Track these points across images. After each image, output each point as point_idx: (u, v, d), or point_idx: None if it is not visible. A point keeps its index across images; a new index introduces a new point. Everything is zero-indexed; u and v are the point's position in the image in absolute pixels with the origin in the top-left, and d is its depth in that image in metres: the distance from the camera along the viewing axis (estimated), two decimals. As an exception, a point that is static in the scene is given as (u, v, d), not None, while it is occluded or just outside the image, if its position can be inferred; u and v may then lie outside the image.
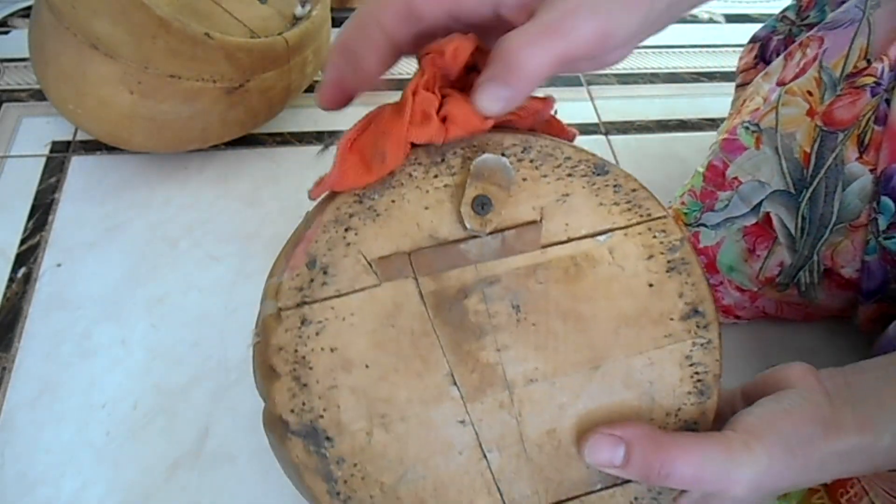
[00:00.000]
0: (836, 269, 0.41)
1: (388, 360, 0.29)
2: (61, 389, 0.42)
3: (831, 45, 0.41)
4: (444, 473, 0.28)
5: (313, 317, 0.28)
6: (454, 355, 0.29)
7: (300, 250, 0.29)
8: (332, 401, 0.28)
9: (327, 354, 0.28)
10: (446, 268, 0.30)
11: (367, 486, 0.28)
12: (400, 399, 0.28)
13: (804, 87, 0.41)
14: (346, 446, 0.28)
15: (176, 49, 0.46)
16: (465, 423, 0.29)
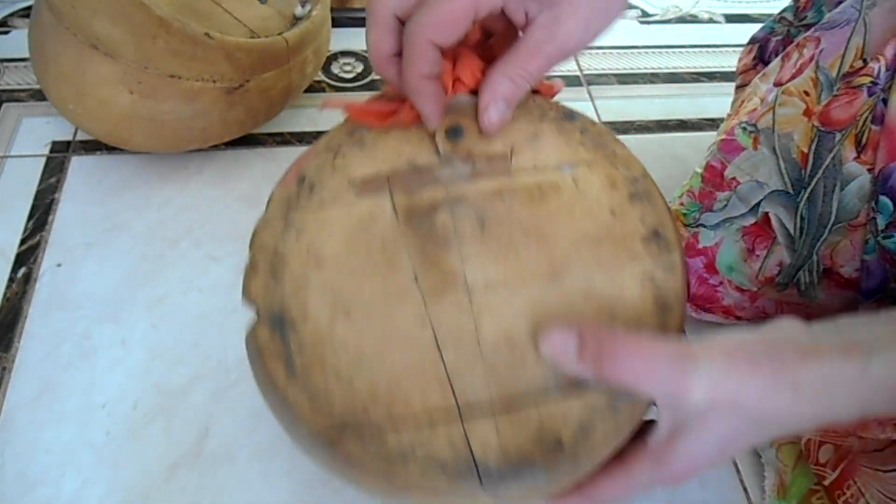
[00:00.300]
0: (836, 268, 0.41)
1: (358, 261, 0.31)
2: (61, 389, 0.42)
3: (828, 45, 0.41)
4: (399, 366, 0.29)
5: (295, 222, 0.32)
6: (419, 260, 0.31)
7: (293, 172, 0.34)
8: (302, 293, 0.30)
9: (303, 254, 0.31)
10: (419, 187, 0.32)
11: (324, 373, 0.28)
12: (364, 295, 0.30)
13: (801, 88, 0.41)
14: (309, 335, 0.29)
15: (176, 49, 0.46)
16: (424, 321, 0.30)
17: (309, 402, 0.28)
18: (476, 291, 0.30)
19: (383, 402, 0.28)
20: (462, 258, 0.31)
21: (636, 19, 0.78)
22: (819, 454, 0.37)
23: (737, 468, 0.42)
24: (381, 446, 0.27)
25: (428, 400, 0.28)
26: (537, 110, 0.35)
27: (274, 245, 0.31)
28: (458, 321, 0.30)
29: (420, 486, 0.27)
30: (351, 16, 0.72)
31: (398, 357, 0.29)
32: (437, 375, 0.29)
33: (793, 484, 0.38)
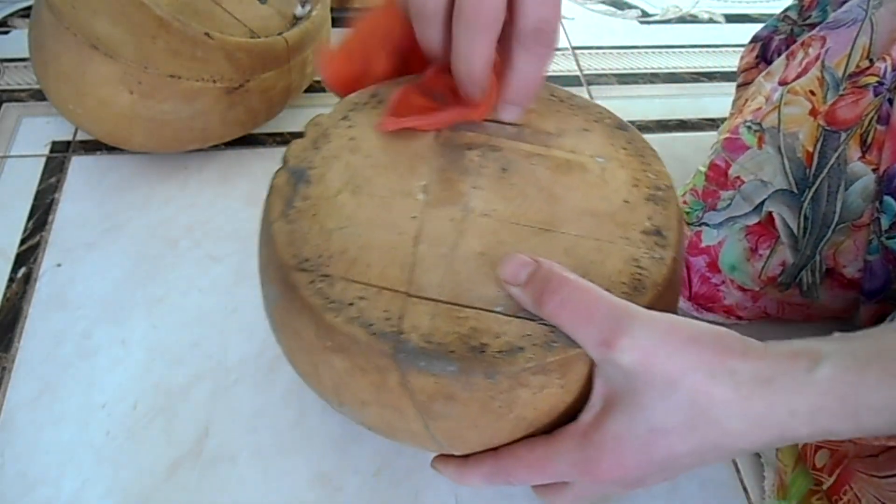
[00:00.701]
0: (839, 268, 0.41)
1: (386, 159, 0.35)
2: (61, 389, 0.42)
3: (834, 45, 0.41)
4: (376, 239, 0.31)
5: (353, 118, 0.37)
6: (436, 175, 0.34)
7: (370, 88, 0.38)
8: (328, 164, 0.34)
9: (346, 140, 0.35)
10: (466, 130, 0.36)
11: (311, 221, 0.32)
12: (377, 183, 0.34)
13: (806, 87, 0.41)
14: (316, 191, 0.33)
15: (176, 49, 0.46)
16: (416, 217, 0.32)
17: (287, 238, 0.31)
18: (471, 214, 0.33)
19: (347, 259, 0.31)
20: (473, 187, 0.34)
21: (636, 19, 0.78)
22: (815, 459, 0.37)
23: (737, 468, 0.42)
24: (327, 288, 0.30)
25: (385, 273, 0.30)
26: (596, 114, 0.39)
27: (326, 127, 0.36)
28: (443, 228, 0.32)
29: (341, 335, 0.28)
30: (351, 16, 0.72)
31: (379, 234, 0.31)
32: (404, 260, 0.31)
33: (793, 484, 0.38)
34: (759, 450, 0.29)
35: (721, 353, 0.26)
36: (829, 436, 0.27)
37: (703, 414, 0.26)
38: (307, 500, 0.39)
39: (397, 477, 0.40)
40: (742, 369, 0.26)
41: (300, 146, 0.35)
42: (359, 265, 0.30)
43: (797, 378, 0.26)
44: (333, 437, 0.41)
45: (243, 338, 0.46)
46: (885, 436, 0.28)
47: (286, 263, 0.30)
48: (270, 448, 0.41)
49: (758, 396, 0.26)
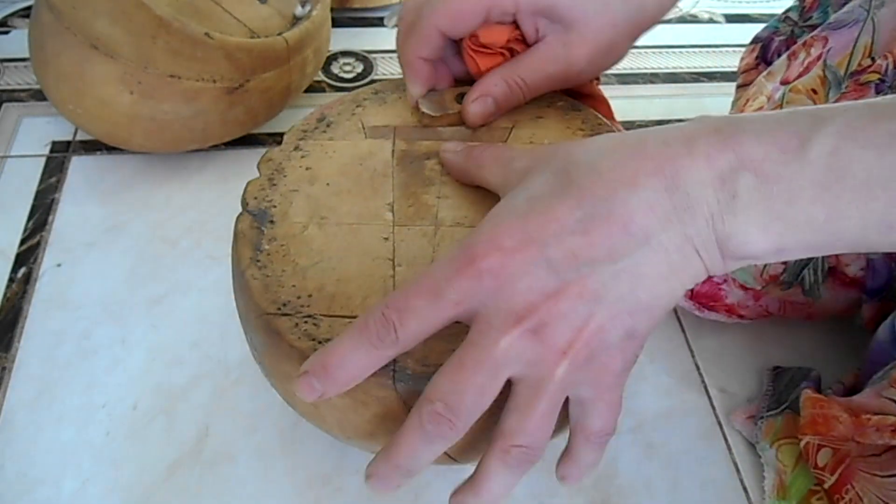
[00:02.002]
0: (841, 267, 0.41)
1: (346, 184, 0.34)
2: (61, 389, 0.42)
3: (835, 44, 0.41)
4: (352, 270, 0.31)
5: (304, 147, 0.36)
6: (400, 191, 0.34)
7: (317, 112, 0.38)
8: (289, 199, 0.34)
9: (302, 170, 0.35)
10: (421, 138, 0.36)
11: (283, 262, 0.31)
12: (342, 210, 0.33)
13: (808, 86, 0.41)
14: (282, 231, 0.32)
15: (176, 49, 0.46)
16: (388, 239, 0.32)
17: (262, 283, 0.31)
18: (443, 225, 0.32)
19: (327, 295, 0.30)
20: (439, 197, 0.34)
21: (636, 19, 0.78)
22: (818, 458, 0.37)
23: (737, 468, 0.42)
24: (313, 329, 0.29)
25: (368, 302, 0.30)
26: (546, 99, 0.38)
27: (279, 161, 0.36)
28: (418, 245, 0.32)
29: None
30: (351, 16, 0.72)
31: (354, 264, 0.31)
32: (384, 284, 0.30)
33: (793, 484, 0.38)
34: (660, 238, 0.24)
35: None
36: (782, 254, 0.25)
37: (578, 168, 0.25)
38: (307, 500, 0.39)
39: (397, 477, 0.40)
40: (641, 131, 0.26)
41: (256, 185, 0.34)
42: (339, 299, 0.30)
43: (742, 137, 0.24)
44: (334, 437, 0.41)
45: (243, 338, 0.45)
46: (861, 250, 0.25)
47: (266, 311, 0.30)
48: (270, 448, 0.41)
49: (653, 151, 0.25)
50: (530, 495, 0.40)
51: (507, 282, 0.25)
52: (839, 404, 0.37)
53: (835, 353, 0.47)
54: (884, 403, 0.35)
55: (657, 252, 0.24)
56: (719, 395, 0.45)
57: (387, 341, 0.25)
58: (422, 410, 0.26)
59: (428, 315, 0.25)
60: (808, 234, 0.24)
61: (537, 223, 0.25)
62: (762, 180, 0.23)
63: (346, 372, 0.26)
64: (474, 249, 0.25)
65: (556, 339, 0.25)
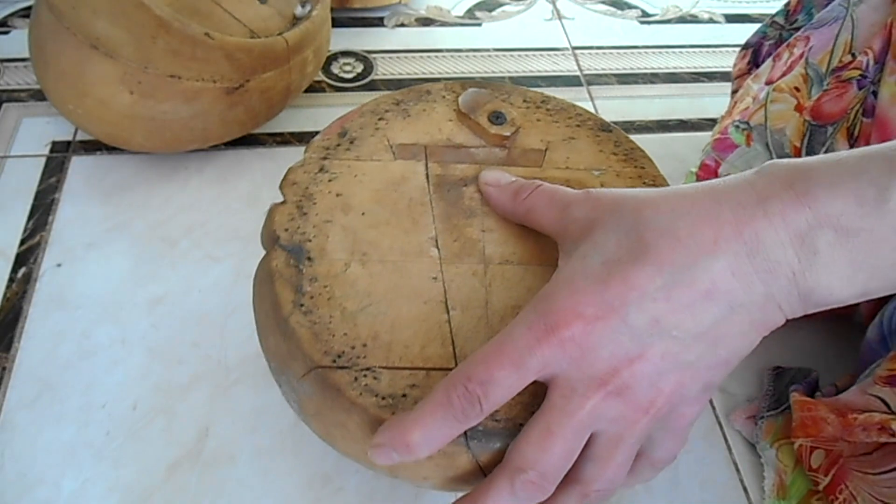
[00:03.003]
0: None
1: (383, 214, 0.32)
2: (61, 389, 0.42)
3: (816, 43, 0.41)
4: (405, 315, 0.29)
5: (330, 168, 0.33)
6: (442, 224, 0.32)
7: (336, 125, 0.36)
8: (324, 231, 0.31)
9: (332, 197, 0.32)
10: (454, 161, 0.34)
11: (329, 306, 0.29)
12: (383, 245, 0.31)
13: (791, 84, 0.41)
14: (323, 269, 0.30)
15: (176, 49, 0.46)
16: (438, 279, 0.30)
17: (310, 331, 0.29)
18: (492, 262, 0.31)
19: (383, 343, 0.28)
20: (483, 230, 0.32)
21: (636, 19, 0.78)
22: (811, 460, 0.37)
23: (737, 468, 0.42)
24: (374, 384, 0.27)
25: (427, 351, 0.28)
26: (577, 117, 0.37)
27: (305, 185, 0.33)
28: (469, 285, 0.30)
29: None
30: (351, 16, 0.72)
31: (405, 307, 0.29)
32: (441, 330, 0.29)
33: (792, 484, 0.38)
34: (742, 297, 0.25)
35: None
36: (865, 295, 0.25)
37: (653, 231, 0.25)
38: (307, 500, 0.39)
39: (397, 477, 0.40)
40: (711, 188, 0.25)
41: (285, 214, 0.32)
42: (396, 348, 0.28)
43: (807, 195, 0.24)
44: (333, 436, 0.41)
45: (243, 338, 0.46)
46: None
47: (319, 363, 0.28)
48: (270, 448, 0.41)
49: (728, 214, 0.24)
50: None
51: (590, 350, 0.25)
52: (826, 405, 0.37)
53: (835, 353, 0.47)
54: (869, 401, 0.35)
55: (740, 314, 0.25)
56: (719, 395, 0.45)
57: (471, 415, 0.25)
58: (514, 478, 0.26)
59: (511, 385, 0.25)
60: (892, 277, 0.24)
61: (617, 291, 0.25)
62: (842, 235, 0.23)
63: (429, 446, 0.26)
64: (555, 317, 0.25)
65: (639, 399, 0.25)
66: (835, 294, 0.24)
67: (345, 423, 0.28)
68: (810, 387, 0.42)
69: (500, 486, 0.26)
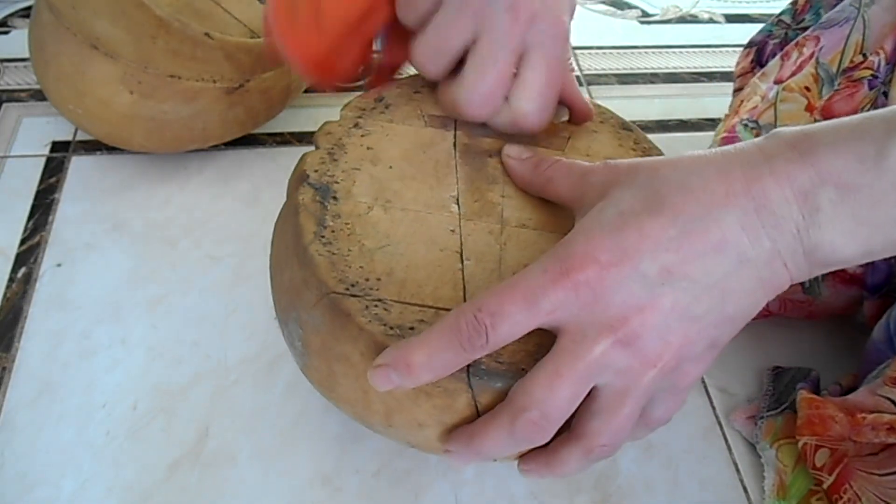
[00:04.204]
0: (840, 264, 0.41)
1: (410, 170, 0.34)
2: (61, 389, 0.42)
3: (827, 43, 0.41)
4: (420, 258, 0.30)
5: (364, 125, 0.36)
6: (465, 185, 0.34)
7: (374, 91, 0.37)
8: (351, 177, 0.33)
9: (364, 149, 0.34)
10: (482, 136, 0.36)
11: (349, 241, 0.31)
12: (407, 196, 0.33)
13: (801, 84, 0.41)
14: (347, 209, 0.32)
15: (176, 49, 0.46)
16: (455, 232, 0.32)
17: (328, 260, 0.30)
18: (509, 224, 0.32)
19: (397, 281, 0.29)
20: (504, 196, 0.33)
21: (636, 19, 0.78)
22: (815, 458, 0.37)
23: (737, 468, 0.42)
24: (384, 313, 0.28)
25: (438, 293, 0.29)
26: (599, 116, 0.39)
27: (339, 136, 0.35)
28: (485, 241, 0.32)
29: None
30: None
31: (422, 252, 0.31)
32: (454, 277, 0.30)
33: (792, 484, 0.38)
34: (752, 252, 0.25)
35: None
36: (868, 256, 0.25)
37: (668, 186, 0.26)
38: (307, 500, 0.39)
39: (397, 477, 0.40)
40: (722, 150, 0.27)
41: (316, 158, 0.33)
42: (409, 286, 0.29)
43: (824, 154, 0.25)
44: (333, 437, 0.41)
45: (243, 338, 0.46)
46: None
47: (332, 289, 0.29)
48: (270, 448, 0.41)
49: (738, 172, 0.25)
50: (530, 495, 0.40)
51: (602, 295, 0.25)
52: (835, 404, 0.37)
53: (835, 353, 0.47)
54: (879, 401, 0.35)
55: (748, 269, 0.25)
56: (719, 395, 0.45)
57: (477, 344, 0.26)
58: (515, 416, 0.26)
59: (520, 322, 0.26)
60: (893, 235, 0.25)
61: (632, 239, 0.25)
62: (843, 191, 0.24)
63: (431, 371, 0.26)
64: (570, 261, 0.26)
65: (647, 351, 0.26)
66: (838, 250, 0.25)
67: (349, 355, 0.29)
68: (812, 386, 0.42)
69: (500, 422, 0.27)
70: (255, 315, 0.46)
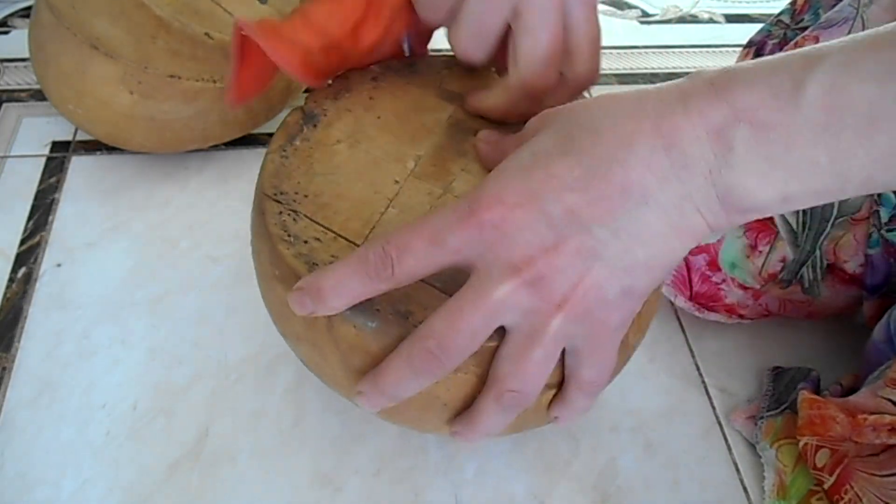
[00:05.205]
0: (839, 263, 0.41)
1: (395, 124, 0.37)
2: (61, 389, 0.42)
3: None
4: (353, 193, 0.33)
5: (382, 80, 0.39)
6: (432, 150, 0.36)
7: (410, 59, 0.40)
8: (340, 114, 0.37)
9: (366, 96, 0.38)
10: (479, 118, 0.37)
11: (303, 161, 0.34)
12: (376, 143, 0.36)
13: None
14: (319, 136, 0.35)
15: (176, 49, 0.46)
16: (398, 183, 0.34)
17: (275, 170, 0.34)
18: (450, 193, 0.34)
19: (319, 203, 0.33)
20: (462, 169, 0.35)
21: (636, 19, 0.78)
22: (816, 458, 0.37)
23: (737, 468, 0.42)
24: (290, 222, 0.32)
25: (348, 224, 0.32)
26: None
27: (353, 81, 0.38)
28: (419, 200, 0.33)
29: (286, 266, 0.30)
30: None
31: (357, 190, 0.34)
32: (370, 217, 0.33)
33: (792, 484, 0.38)
34: (663, 195, 0.25)
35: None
36: (787, 202, 0.24)
37: (580, 128, 0.26)
38: (307, 500, 0.39)
39: (397, 477, 0.40)
40: (640, 89, 0.26)
41: (323, 93, 0.37)
42: (327, 210, 0.32)
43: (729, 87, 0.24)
44: (333, 437, 0.41)
45: (243, 338, 0.46)
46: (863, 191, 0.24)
47: (264, 192, 0.33)
48: (270, 448, 0.41)
49: (652, 107, 0.25)
50: (530, 495, 0.40)
51: (507, 234, 0.25)
52: (836, 405, 0.37)
53: (835, 353, 0.47)
54: (880, 403, 0.35)
55: (655, 211, 0.25)
56: (719, 395, 0.45)
57: (382, 276, 0.27)
58: (413, 345, 0.27)
59: (426, 257, 0.26)
60: (812, 179, 0.23)
61: (538, 179, 0.25)
62: (757, 129, 0.23)
63: (339, 296, 0.27)
64: (478, 202, 0.26)
65: (552, 293, 0.25)
66: (752, 194, 0.24)
67: (260, 254, 0.33)
68: (813, 386, 0.42)
69: (399, 351, 0.28)
70: (255, 315, 0.46)
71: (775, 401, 0.43)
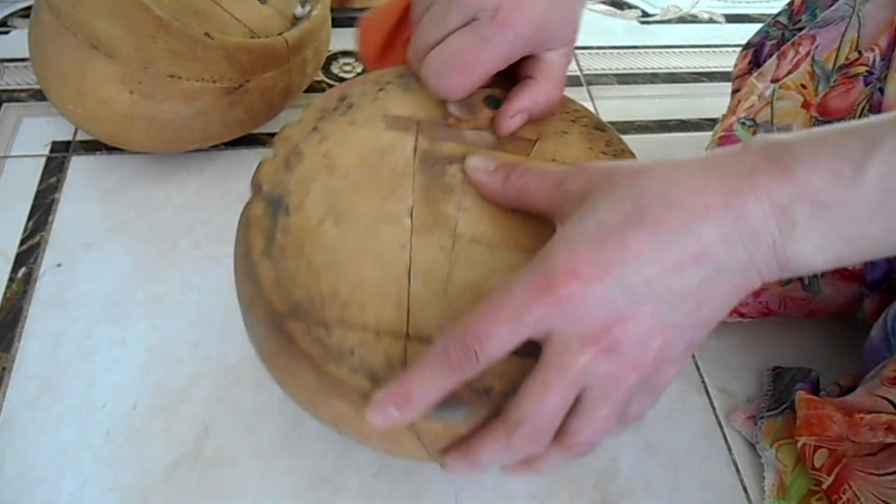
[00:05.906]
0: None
1: (365, 178, 0.33)
2: (61, 389, 0.42)
3: (823, 41, 0.41)
4: (367, 277, 0.30)
5: (323, 129, 0.34)
6: (420, 196, 0.33)
7: (338, 90, 0.37)
8: (305, 188, 0.32)
9: (320, 156, 0.33)
10: (444, 139, 0.35)
11: (296, 258, 0.30)
12: (360, 208, 0.32)
13: (798, 81, 0.41)
14: (298, 222, 0.31)
15: (176, 49, 0.46)
16: (405, 248, 0.31)
17: (275, 279, 0.30)
18: (461, 240, 0.32)
19: (340, 302, 0.29)
20: (459, 208, 0.33)
21: (636, 19, 0.78)
22: (814, 459, 0.37)
23: (737, 468, 0.42)
24: (325, 336, 0.29)
25: (381, 314, 0.29)
26: (573, 114, 0.37)
27: (296, 142, 0.34)
28: (435, 258, 0.31)
29: (345, 386, 0.28)
30: (351, 16, 0.72)
31: (369, 270, 0.30)
32: (399, 298, 0.30)
33: (792, 484, 0.38)
34: (730, 262, 0.26)
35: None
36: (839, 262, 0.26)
37: (649, 199, 0.26)
38: (307, 500, 0.39)
39: (397, 477, 0.40)
40: (702, 159, 0.27)
41: (271, 167, 0.33)
42: (352, 307, 0.29)
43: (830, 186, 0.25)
44: (333, 437, 0.41)
45: (243, 338, 0.45)
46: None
47: (277, 310, 0.29)
48: (270, 448, 0.41)
49: (716, 183, 0.26)
50: (530, 495, 0.40)
51: (586, 308, 0.26)
52: (832, 404, 0.37)
53: (835, 352, 0.47)
54: (876, 402, 0.35)
55: (724, 277, 0.26)
56: (719, 395, 0.45)
57: (468, 368, 0.26)
58: (510, 430, 0.27)
59: (506, 339, 0.26)
60: (865, 249, 0.26)
61: (614, 252, 0.26)
62: (818, 208, 0.25)
63: (427, 399, 0.27)
64: (553, 276, 0.26)
65: (629, 357, 0.26)
66: (809, 262, 0.26)
67: (295, 370, 0.29)
68: (812, 386, 0.42)
69: (496, 437, 0.28)
70: (255, 315, 0.46)
71: (775, 401, 0.43)
